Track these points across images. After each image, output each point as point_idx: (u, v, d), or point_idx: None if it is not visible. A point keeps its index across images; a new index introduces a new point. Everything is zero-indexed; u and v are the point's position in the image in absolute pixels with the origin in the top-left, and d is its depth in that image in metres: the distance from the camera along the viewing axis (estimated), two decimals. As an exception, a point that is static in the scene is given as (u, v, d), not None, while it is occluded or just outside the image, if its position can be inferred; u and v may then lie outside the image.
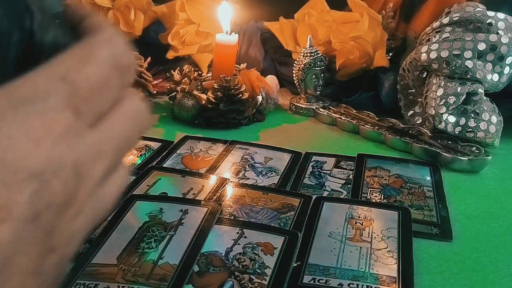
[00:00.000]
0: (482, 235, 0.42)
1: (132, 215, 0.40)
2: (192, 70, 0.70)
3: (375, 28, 0.71)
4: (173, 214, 0.40)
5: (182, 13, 0.79)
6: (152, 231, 0.38)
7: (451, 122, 0.57)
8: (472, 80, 0.57)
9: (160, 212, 0.41)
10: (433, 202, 0.47)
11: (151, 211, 0.41)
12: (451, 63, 0.57)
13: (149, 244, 0.36)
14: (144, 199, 0.43)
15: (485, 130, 0.57)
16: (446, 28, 0.60)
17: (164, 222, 0.39)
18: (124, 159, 0.20)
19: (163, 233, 0.38)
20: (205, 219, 0.40)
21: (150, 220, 0.40)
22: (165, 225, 0.39)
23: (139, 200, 0.43)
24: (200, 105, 0.65)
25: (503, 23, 0.58)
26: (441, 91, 0.58)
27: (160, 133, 0.63)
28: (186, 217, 0.40)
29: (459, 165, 0.54)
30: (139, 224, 0.39)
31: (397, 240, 0.39)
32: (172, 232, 0.38)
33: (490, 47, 0.56)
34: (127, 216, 0.40)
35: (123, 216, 0.40)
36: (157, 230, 0.38)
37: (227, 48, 0.68)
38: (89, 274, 0.33)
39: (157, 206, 0.41)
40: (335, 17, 0.74)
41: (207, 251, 0.36)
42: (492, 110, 0.58)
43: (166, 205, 0.42)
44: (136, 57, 0.76)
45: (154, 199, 0.43)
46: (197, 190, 0.46)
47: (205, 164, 0.53)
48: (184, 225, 0.39)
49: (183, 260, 0.35)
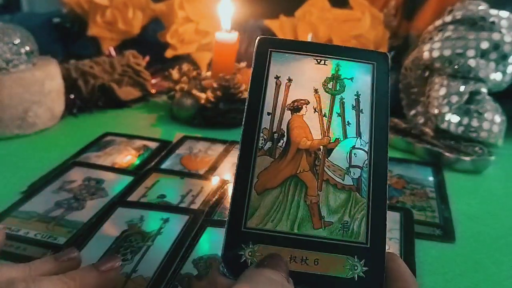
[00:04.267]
0: (485, 236, 0.42)
1: (111, 223, 0.39)
2: (191, 69, 0.70)
3: (377, 27, 0.70)
4: (154, 222, 0.39)
5: (181, 11, 0.79)
6: (129, 241, 0.37)
7: (454, 122, 0.57)
8: (475, 79, 0.57)
9: (140, 220, 0.40)
10: (435, 203, 0.46)
11: (131, 219, 0.40)
12: (453, 62, 0.56)
13: (125, 256, 0.35)
14: (126, 205, 0.42)
15: (488, 129, 0.56)
16: (448, 27, 0.60)
17: (143, 232, 0.38)
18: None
19: (140, 244, 0.37)
20: (185, 228, 0.39)
21: (129, 229, 0.38)
22: (144, 234, 0.38)
23: (121, 206, 0.42)
24: (199, 105, 0.64)
25: (506, 22, 0.57)
26: (443, 90, 0.57)
27: (159, 133, 0.63)
28: (166, 226, 0.39)
29: (462, 166, 0.54)
30: (118, 233, 0.38)
31: (399, 241, 0.38)
32: (149, 242, 0.37)
33: (493, 46, 0.56)
34: (106, 224, 0.39)
35: (102, 224, 0.39)
36: (135, 240, 0.37)
37: (227, 47, 0.67)
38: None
39: (138, 214, 0.40)
40: (336, 15, 0.73)
41: (206, 255, 0.36)
42: (495, 109, 0.57)
43: (147, 213, 0.41)
44: (134, 55, 0.76)
45: (135, 206, 0.42)
46: (196, 192, 0.45)
47: (205, 164, 0.52)
48: (162, 234, 0.38)
49: (156, 274, 0.33)
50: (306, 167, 0.26)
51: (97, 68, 0.70)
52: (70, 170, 0.49)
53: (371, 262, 0.24)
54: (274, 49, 0.28)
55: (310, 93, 0.28)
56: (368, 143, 0.26)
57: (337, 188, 0.25)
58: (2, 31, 0.59)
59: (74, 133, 0.62)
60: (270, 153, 0.26)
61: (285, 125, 0.27)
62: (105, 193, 0.45)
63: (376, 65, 0.29)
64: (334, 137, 0.27)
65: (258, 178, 0.25)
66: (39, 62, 0.63)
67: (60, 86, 0.64)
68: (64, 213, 0.41)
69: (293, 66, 0.28)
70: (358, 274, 0.23)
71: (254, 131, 0.26)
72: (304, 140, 0.26)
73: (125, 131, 0.61)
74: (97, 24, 0.83)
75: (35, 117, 0.60)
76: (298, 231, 0.24)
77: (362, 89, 0.28)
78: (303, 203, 0.25)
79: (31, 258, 0.35)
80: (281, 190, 0.25)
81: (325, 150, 0.26)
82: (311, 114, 0.27)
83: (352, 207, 0.25)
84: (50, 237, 0.38)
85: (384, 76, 0.28)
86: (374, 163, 0.26)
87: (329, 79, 0.28)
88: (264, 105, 0.27)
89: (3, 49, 0.58)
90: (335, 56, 0.28)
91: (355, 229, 0.24)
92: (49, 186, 0.46)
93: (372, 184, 0.25)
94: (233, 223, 0.24)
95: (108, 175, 0.48)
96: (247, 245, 0.24)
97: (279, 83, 0.28)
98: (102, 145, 0.57)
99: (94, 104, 0.70)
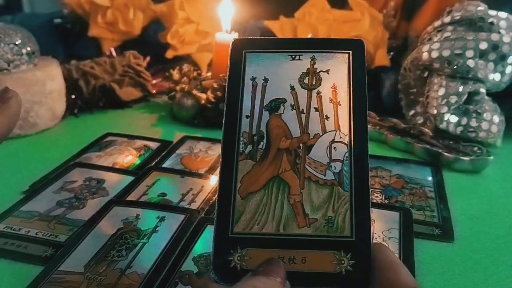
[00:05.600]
0: (484, 236, 0.42)
1: (107, 221, 0.39)
2: (192, 70, 0.70)
3: (376, 27, 0.71)
4: (149, 221, 0.39)
5: (181, 12, 0.79)
6: (124, 239, 0.37)
7: (452, 122, 0.57)
8: (473, 79, 0.57)
9: (136, 218, 0.40)
10: (434, 202, 0.46)
11: (127, 217, 0.40)
12: (452, 62, 0.57)
13: (120, 252, 0.35)
14: (122, 204, 0.42)
15: (487, 130, 0.56)
16: (447, 27, 0.60)
17: (139, 230, 0.38)
18: None
19: (135, 241, 0.37)
20: (181, 227, 0.39)
21: (125, 226, 0.39)
22: (139, 232, 0.38)
23: (117, 205, 0.42)
24: (200, 105, 0.64)
25: (505, 22, 0.57)
26: (442, 90, 0.58)
27: (159, 133, 0.63)
28: (162, 225, 0.39)
29: (460, 165, 0.54)
30: (113, 230, 0.38)
31: (398, 241, 0.39)
32: (145, 240, 0.37)
33: (491, 47, 0.56)
34: (101, 222, 0.39)
35: (98, 222, 0.39)
36: (130, 237, 0.37)
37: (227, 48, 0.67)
38: (54, 282, 0.32)
39: (134, 212, 0.40)
40: (335, 16, 0.74)
41: (207, 252, 0.36)
42: (494, 109, 0.58)
43: (143, 212, 0.41)
44: (135, 56, 0.76)
45: (131, 205, 0.42)
46: (197, 190, 0.46)
47: (205, 164, 0.52)
48: (158, 232, 0.38)
49: (151, 271, 0.34)
50: (287, 167, 0.26)
51: (98, 68, 0.71)
52: (71, 170, 0.49)
53: (357, 255, 0.24)
54: (249, 50, 0.28)
55: (287, 91, 0.27)
56: (347, 135, 0.26)
57: (319, 184, 0.25)
58: (3, 31, 0.59)
59: (75, 133, 0.62)
60: (251, 157, 0.26)
61: (264, 127, 0.26)
62: (106, 193, 0.45)
63: (352, 53, 0.28)
64: (313, 132, 0.26)
65: (241, 183, 0.25)
66: (40, 62, 0.63)
67: (61, 87, 0.64)
68: (65, 212, 0.42)
69: (268, 66, 0.28)
70: (345, 268, 0.23)
71: (234, 135, 0.26)
72: (284, 140, 0.26)
73: (126, 131, 0.61)
74: (98, 25, 0.83)
75: (36, 117, 0.60)
76: (283, 231, 0.24)
77: (338, 81, 0.27)
78: (287, 203, 0.25)
79: (32, 256, 0.36)
80: (265, 192, 0.25)
81: (305, 147, 0.26)
82: (289, 112, 0.27)
83: (335, 201, 0.25)
84: (51, 235, 0.38)
85: (360, 64, 0.28)
86: (354, 155, 0.26)
87: (305, 74, 0.27)
88: (242, 108, 0.27)
89: (4, 49, 0.59)
90: (310, 49, 0.28)
91: (339, 224, 0.24)
92: (50, 186, 0.46)
93: (354, 176, 0.25)
94: (220, 230, 0.24)
95: (109, 175, 0.49)
96: (236, 250, 0.24)
97: (256, 84, 0.27)
98: (103, 145, 0.57)
99: (95, 105, 0.70)
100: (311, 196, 0.25)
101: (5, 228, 0.39)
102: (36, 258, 0.36)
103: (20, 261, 0.36)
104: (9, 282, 0.33)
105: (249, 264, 0.24)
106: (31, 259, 0.36)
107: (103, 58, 0.75)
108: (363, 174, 0.25)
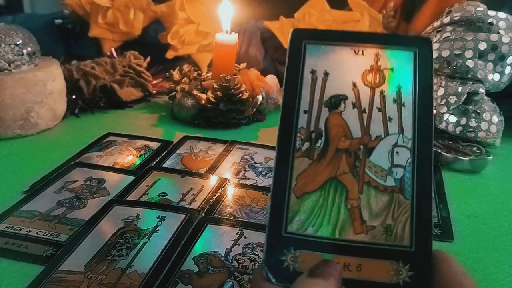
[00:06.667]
0: (483, 236, 0.42)
1: (107, 221, 0.40)
2: (192, 70, 0.70)
3: (376, 28, 0.71)
4: (150, 220, 0.40)
5: (181, 12, 0.79)
6: (125, 238, 0.37)
7: (452, 122, 0.57)
8: (473, 79, 0.57)
9: (136, 218, 0.40)
10: (434, 202, 0.46)
11: (127, 217, 0.40)
12: (452, 62, 0.57)
13: (120, 252, 0.35)
14: (122, 204, 0.42)
15: (486, 130, 0.57)
16: (447, 28, 0.60)
17: (139, 229, 0.38)
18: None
19: (136, 240, 0.37)
20: (181, 227, 0.39)
21: (125, 226, 0.39)
22: (140, 232, 0.38)
23: (117, 205, 0.42)
24: (200, 105, 0.64)
25: (504, 23, 0.57)
26: (442, 90, 0.58)
27: (160, 133, 0.63)
28: (162, 224, 0.39)
29: (460, 165, 0.54)
30: (113, 230, 0.38)
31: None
32: (145, 239, 0.37)
33: (491, 47, 0.56)
34: (102, 222, 0.39)
35: (98, 222, 0.39)
36: (131, 237, 0.37)
37: (227, 48, 0.67)
38: (55, 281, 0.33)
39: (134, 212, 0.41)
40: (335, 16, 0.74)
41: (207, 252, 0.36)
42: (493, 110, 0.58)
43: (143, 211, 0.41)
44: (135, 56, 0.76)
45: (132, 204, 0.42)
46: (197, 190, 0.46)
47: (205, 164, 0.52)
48: (158, 232, 0.38)
49: (152, 270, 0.34)
50: (346, 169, 0.24)
51: (99, 68, 0.71)
52: (71, 170, 0.50)
53: (416, 266, 0.22)
54: (309, 41, 0.26)
55: (349, 87, 0.25)
56: (411, 140, 0.24)
57: (378, 190, 0.24)
58: (4, 32, 0.60)
59: (76, 133, 0.62)
60: (308, 155, 0.24)
61: (323, 124, 0.25)
62: (106, 192, 0.45)
63: (418, 52, 0.26)
64: (374, 134, 0.25)
65: (297, 181, 0.24)
66: (41, 62, 0.63)
67: (62, 87, 0.64)
68: (66, 211, 0.42)
69: (329, 59, 0.26)
70: (403, 280, 0.22)
71: (291, 131, 0.25)
72: (343, 140, 0.25)
73: (126, 131, 0.62)
74: (99, 25, 0.83)
75: (37, 118, 0.60)
76: (339, 236, 0.23)
77: (403, 80, 0.25)
78: (344, 207, 0.24)
79: (33, 255, 0.36)
80: (321, 194, 0.24)
81: (366, 150, 0.25)
82: (350, 110, 0.25)
83: (395, 209, 0.23)
84: (52, 234, 0.38)
85: (427, 64, 0.26)
86: (418, 161, 0.24)
87: (368, 71, 0.26)
88: (300, 102, 0.25)
89: (5, 50, 0.59)
90: (374, 44, 0.26)
91: (398, 233, 0.23)
92: (51, 186, 0.46)
93: (416, 184, 0.24)
94: (274, 228, 0.23)
95: (110, 175, 0.49)
96: (289, 250, 0.23)
97: (315, 78, 0.26)
98: (104, 145, 0.57)
99: (95, 105, 0.70)
100: (370, 202, 0.24)
101: (6, 228, 0.39)
102: (37, 258, 0.36)
103: (21, 260, 0.36)
104: (9, 281, 0.34)
105: (302, 266, 0.23)
106: (32, 259, 0.36)
107: (104, 58, 0.75)
108: (426, 182, 0.24)
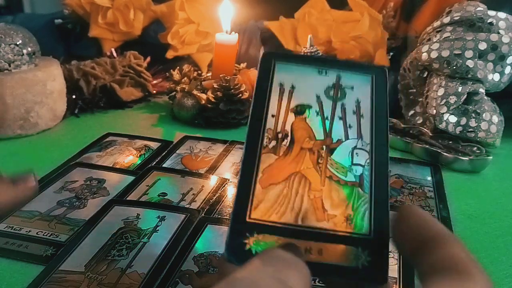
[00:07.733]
0: (483, 236, 0.42)
1: (107, 221, 0.40)
2: (192, 70, 0.70)
3: (376, 28, 0.71)
4: (150, 220, 0.40)
5: (181, 12, 0.79)
6: (125, 238, 0.37)
7: (452, 122, 0.57)
8: (473, 79, 0.57)
9: (136, 218, 0.40)
10: (434, 202, 0.46)
11: (127, 217, 0.40)
12: (452, 62, 0.57)
13: (120, 252, 0.35)
14: (122, 204, 0.42)
15: (486, 130, 0.57)
16: (447, 28, 0.60)
17: (139, 229, 0.38)
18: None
19: (136, 240, 0.37)
20: (181, 227, 0.39)
21: (125, 226, 0.39)
22: (140, 232, 0.38)
23: (117, 205, 0.42)
24: (200, 105, 0.64)
25: (504, 23, 0.58)
26: (442, 90, 0.58)
27: (160, 133, 0.63)
28: (162, 224, 0.39)
29: (460, 165, 0.54)
30: (113, 230, 0.38)
31: (398, 240, 0.39)
32: (145, 239, 0.37)
33: (491, 47, 0.56)
34: (102, 222, 0.39)
35: (98, 222, 0.39)
36: (131, 237, 0.37)
37: (227, 48, 0.67)
38: (55, 281, 0.33)
39: (134, 212, 0.41)
40: (335, 16, 0.74)
41: (207, 252, 0.36)
42: (493, 110, 0.58)
43: (143, 211, 0.41)
44: (135, 56, 0.76)
45: (132, 204, 0.42)
46: (197, 190, 0.46)
47: (205, 164, 0.53)
48: (158, 232, 0.38)
49: (152, 270, 0.34)
50: (309, 165, 0.26)
51: (99, 68, 0.71)
52: (71, 170, 0.50)
53: (374, 252, 0.24)
54: (279, 59, 0.29)
55: (313, 99, 0.28)
56: (369, 144, 0.27)
57: (340, 184, 0.26)
58: (4, 32, 0.60)
59: (76, 134, 0.62)
60: (274, 151, 0.26)
61: (289, 126, 0.27)
62: (106, 192, 0.45)
63: (375, 77, 0.30)
64: (336, 137, 0.27)
65: (262, 174, 0.26)
66: (41, 62, 0.63)
67: (62, 87, 0.64)
68: (66, 211, 0.42)
69: (296, 75, 0.29)
70: (362, 263, 0.24)
71: (259, 131, 0.27)
72: (307, 140, 0.27)
73: (126, 131, 0.62)
74: (99, 25, 0.83)
75: (37, 118, 0.60)
76: (302, 223, 0.24)
77: (362, 97, 0.29)
78: (307, 197, 0.25)
79: (33, 255, 0.36)
80: (286, 185, 0.26)
81: (328, 149, 0.27)
82: (314, 117, 0.28)
83: (355, 201, 0.25)
84: (52, 234, 0.38)
85: (382, 86, 0.29)
86: (375, 162, 0.27)
87: (331, 87, 0.29)
88: (268, 108, 0.28)
89: (5, 50, 0.59)
90: (336, 67, 0.30)
91: (358, 222, 0.25)
92: (51, 185, 0.46)
93: (374, 180, 0.26)
94: (238, 214, 0.25)
95: (110, 175, 0.49)
96: (252, 234, 0.24)
97: (283, 90, 0.28)
98: (104, 145, 0.57)
99: (95, 105, 0.70)
100: (332, 194, 0.25)
101: (6, 228, 0.39)
102: (37, 258, 0.36)
103: (21, 260, 0.36)
104: (9, 281, 0.34)
105: (264, 249, 0.24)
106: (32, 259, 0.36)
107: (104, 58, 0.75)
108: (384, 179, 0.26)
